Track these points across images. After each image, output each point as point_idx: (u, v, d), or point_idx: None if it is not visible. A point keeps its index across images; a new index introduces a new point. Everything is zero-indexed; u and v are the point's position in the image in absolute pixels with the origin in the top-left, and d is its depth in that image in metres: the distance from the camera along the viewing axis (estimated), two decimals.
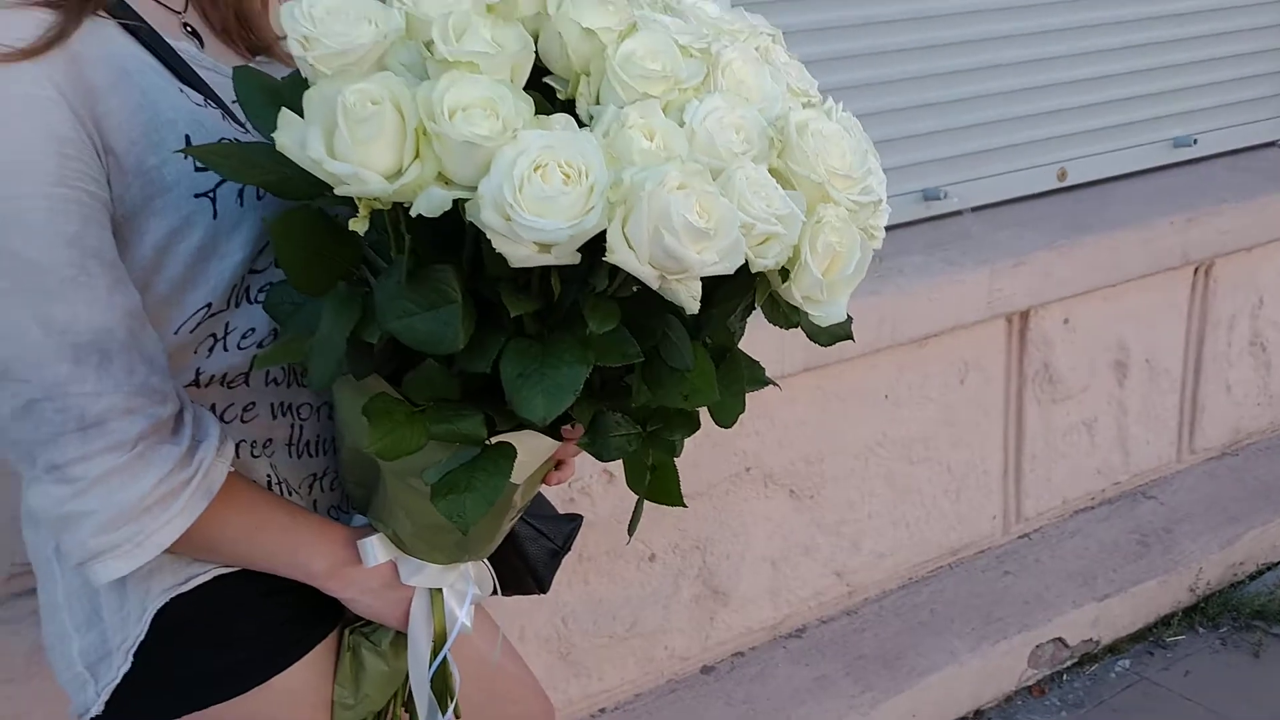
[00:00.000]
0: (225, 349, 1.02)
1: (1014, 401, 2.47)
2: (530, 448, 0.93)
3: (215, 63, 1.04)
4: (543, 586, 1.35)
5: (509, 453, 0.88)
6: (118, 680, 1.04)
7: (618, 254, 0.71)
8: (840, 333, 0.99)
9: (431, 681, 1.11)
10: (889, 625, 2.29)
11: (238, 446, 1.03)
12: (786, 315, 0.94)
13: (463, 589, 1.11)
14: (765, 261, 0.76)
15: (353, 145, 0.70)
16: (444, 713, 1.13)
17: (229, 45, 1.10)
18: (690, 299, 0.75)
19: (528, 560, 1.31)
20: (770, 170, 0.80)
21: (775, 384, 1.09)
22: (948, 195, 2.41)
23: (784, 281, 0.80)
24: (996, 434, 2.46)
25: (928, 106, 2.39)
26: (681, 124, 0.78)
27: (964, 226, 2.39)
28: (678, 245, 0.70)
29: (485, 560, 1.17)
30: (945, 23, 2.37)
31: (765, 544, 2.18)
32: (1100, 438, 2.62)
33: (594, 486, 1.93)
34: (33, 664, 1.50)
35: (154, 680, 1.05)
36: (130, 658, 1.03)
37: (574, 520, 1.37)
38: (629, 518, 1.17)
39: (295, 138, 0.73)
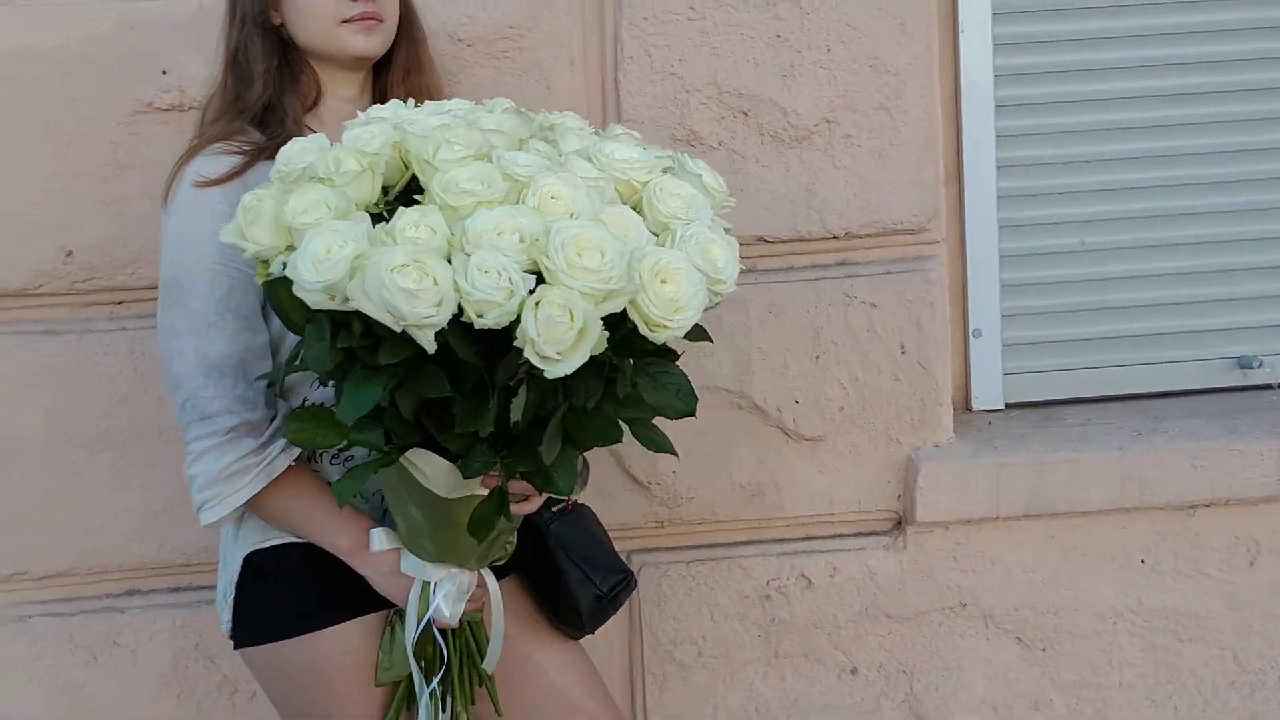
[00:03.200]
0: (325, 384, 1.49)
1: None
2: (431, 463, 1.27)
3: None
4: (583, 627, 1.63)
5: (383, 460, 1.24)
6: (231, 606, 1.53)
7: (355, 301, 1.06)
8: (663, 445, 1.24)
9: (416, 652, 1.46)
10: None
11: (320, 455, 1.50)
12: (621, 387, 1.21)
13: (447, 586, 1.44)
14: (485, 321, 1.07)
15: (245, 226, 1.14)
16: (429, 683, 1.47)
17: None
18: (428, 342, 1.08)
19: (573, 600, 1.60)
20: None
21: (673, 452, 1.32)
22: (1263, 365, 2.25)
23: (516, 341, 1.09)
24: None
25: (1256, 270, 2.28)
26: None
27: (1271, 400, 2.22)
28: (392, 299, 1.05)
29: (485, 573, 1.48)
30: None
31: (985, 686, 2.17)
32: None
33: (790, 588, 2.12)
34: None
35: (249, 612, 1.53)
36: (233, 589, 1.52)
37: (623, 574, 1.64)
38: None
39: (229, 229, 1.18)
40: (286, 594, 1.50)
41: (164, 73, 1.93)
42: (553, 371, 1.10)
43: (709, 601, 2.11)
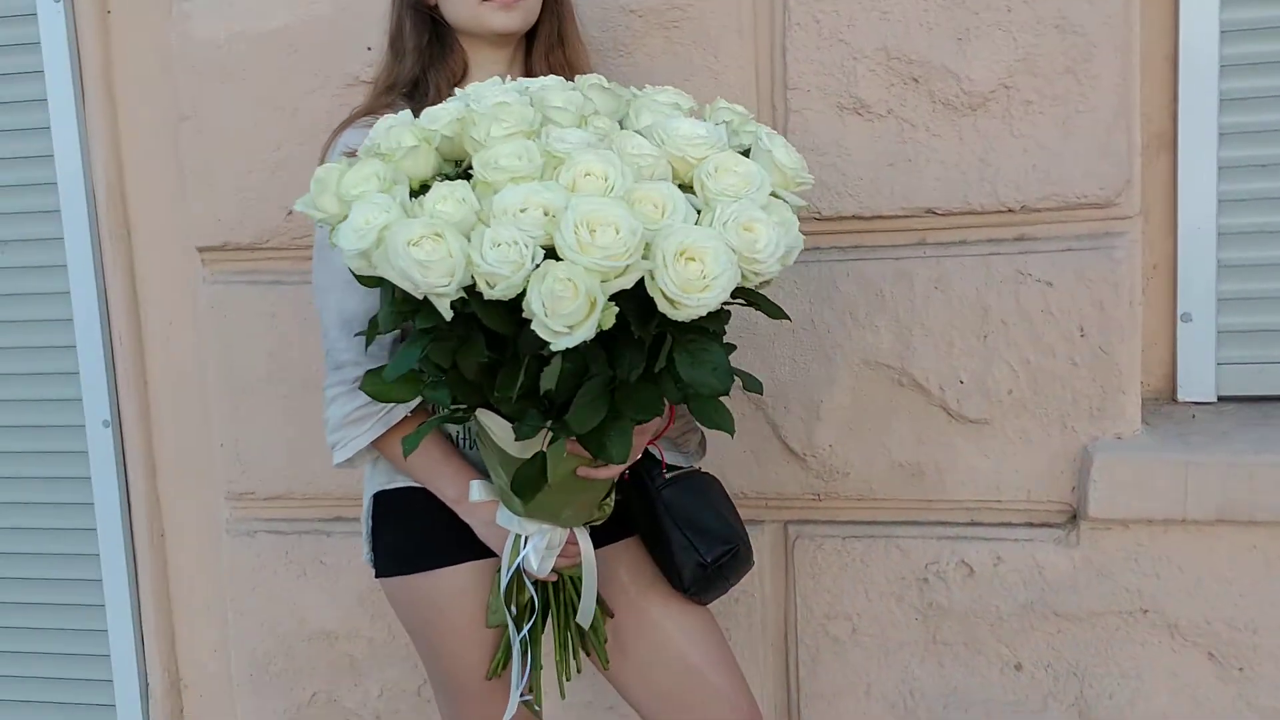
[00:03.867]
0: None
1: None
2: (499, 424, 1.35)
3: None
4: (688, 593, 1.65)
5: (448, 417, 1.33)
6: (366, 540, 1.68)
7: (380, 269, 1.15)
8: (719, 423, 1.25)
9: (513, 601, 1.54)
10: None
11: (438, 408, 1.60)
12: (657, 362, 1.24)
13: (535, 540, 1.51)
14: (494, 293, 1.13)
15: (315, 196, 1.26)
16: (519, 630, 1.56)
17: None
18: (445, 310, 1.15)
19: (676, 566, 1.64)
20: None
21: (729, 431, 1.32)
22: None
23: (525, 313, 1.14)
24: None
25: None
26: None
27: None
28: (408, 269, 1.13)
29: (579, 532, 1.54)
30: None
31: (1169, 701, 2.00)
32: None
33: (950, 574, 2.04)
34: None
35: (379, 546, 1.67)
36: (366, 524, 1.67)
37: (730, 545, 1.64)
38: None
39: (304, 198, 1.30)
40: (409, 533, 1.63)
41: (368, 49, 2.10)
42: (557, 344, 1.14)
43: (864, 579, 2.08)
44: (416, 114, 1.53)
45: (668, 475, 1.66)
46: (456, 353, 1.26)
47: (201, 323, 2.34)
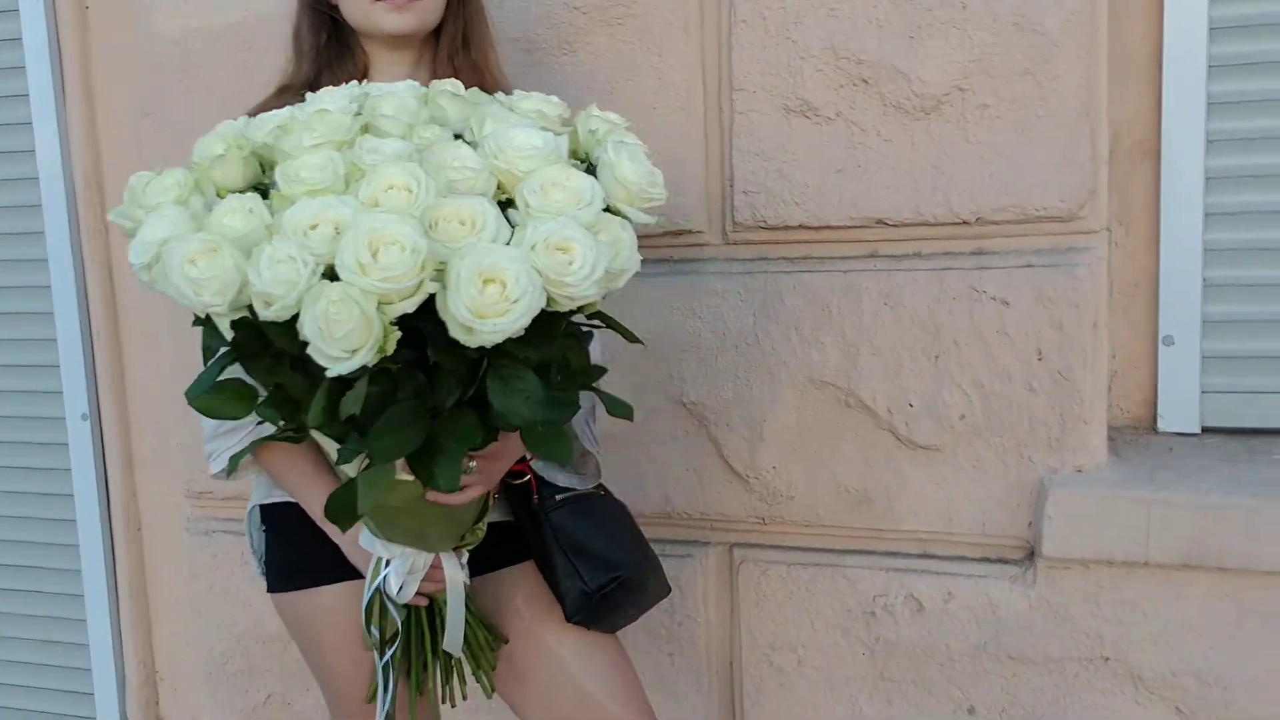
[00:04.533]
0: None
1: None
2: (326, 439, 1.29)
3: None
4: (572, 620, 1.57)
5: (280, 435, 1.27)
6: (254, 552, 1.65)
7: (159, 285, 1.09)
8: (552, 452, 1.16)
9: (380, 624, 1.49)
10: None
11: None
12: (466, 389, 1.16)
13: (396, 563, 1.45)
14: (267, 313, 1.06)
15: (128, 204, 1.21)
16: (381, 657, 1.50)
17: None
18: (226, 329, 1.09)
19: (559, 591, 1.56)
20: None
21: (562, 461, 1.23)
22: None
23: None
24: None
25: None
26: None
27: None
28: (180, 284, 1.07)
29: (445, 556, 1.46)
30: None
31: None
32: None
33: (898, 608, 1.91)
34: None
35: (268, 560, 1.63)
36: (252, 534, 1.63)
37: (616, 574, 1.56)
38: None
39: (118, 208, 1.25)
40: (294, 548, 1.59)
41: None
42: (334, 370, 1.07)
43: (810, 609, 1.96)
44: None
45: (559, 498, 1.58)
46: (271, 371, 1.20)
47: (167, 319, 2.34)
